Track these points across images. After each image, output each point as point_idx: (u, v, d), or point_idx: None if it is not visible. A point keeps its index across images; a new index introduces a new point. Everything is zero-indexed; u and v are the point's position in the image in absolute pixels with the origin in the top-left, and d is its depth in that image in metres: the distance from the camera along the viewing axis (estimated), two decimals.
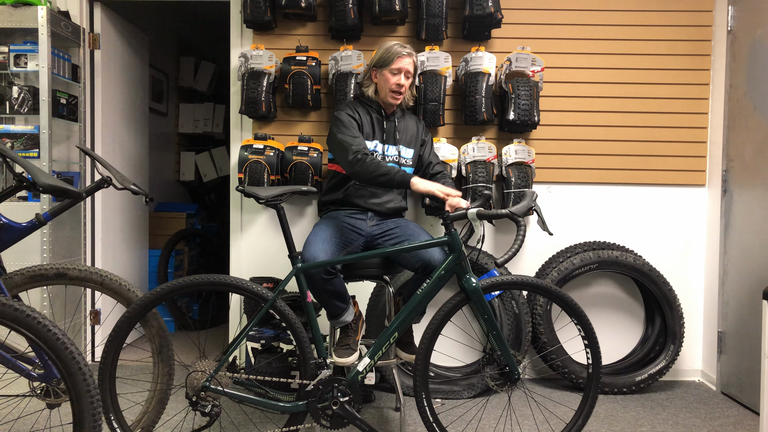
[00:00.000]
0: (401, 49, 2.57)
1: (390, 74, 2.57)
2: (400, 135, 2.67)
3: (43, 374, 1.91)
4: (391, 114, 2.68)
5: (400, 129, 2.68)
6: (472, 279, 2.15)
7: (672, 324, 3.14)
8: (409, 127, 2.71)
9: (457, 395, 3.03)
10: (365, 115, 2.63)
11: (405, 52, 2.57)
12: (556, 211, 3.37)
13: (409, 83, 2.63)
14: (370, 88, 2.66)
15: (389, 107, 2.67)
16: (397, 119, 2.69)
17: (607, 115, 3.35)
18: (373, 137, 2.62)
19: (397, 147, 2.64)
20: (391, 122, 2.67)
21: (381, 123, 2.65)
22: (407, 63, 2.58)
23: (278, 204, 2.17)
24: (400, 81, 2.57)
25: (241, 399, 2.13)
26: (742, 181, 3.11)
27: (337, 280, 2.31)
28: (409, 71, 2.60)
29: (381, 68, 2.60)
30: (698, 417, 2.85)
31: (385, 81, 2.59)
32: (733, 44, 3.20)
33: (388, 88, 2.59)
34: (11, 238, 2.03)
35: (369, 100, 2.67)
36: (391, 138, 2.65)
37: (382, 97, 2.64)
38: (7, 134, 3.04)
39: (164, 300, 2.12)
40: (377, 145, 2.61)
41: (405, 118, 2.73)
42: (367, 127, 2.61)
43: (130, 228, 3.97)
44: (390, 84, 2.58)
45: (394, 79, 2.57)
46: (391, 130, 2.66)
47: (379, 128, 2.64)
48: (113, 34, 3.68)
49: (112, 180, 2.23)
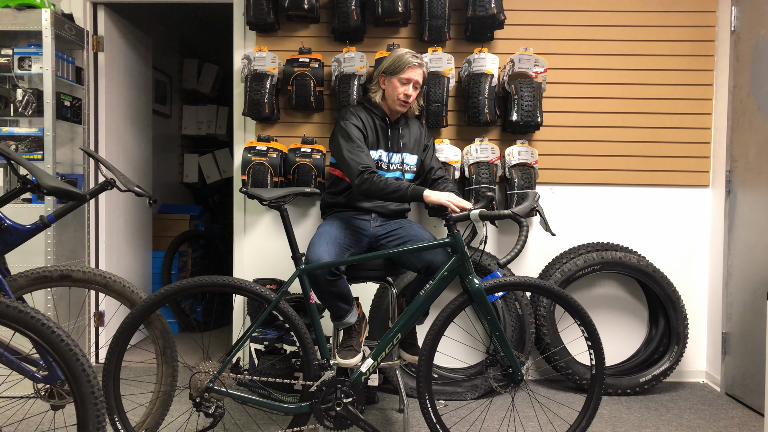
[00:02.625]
0: (413, 59, 2.51)
1: (399, 83, 2.53)
2: (405, 142, 2.64)
3: (48, 376, 1.92)
4: (395, 121, 2.64)
5: (404, 136, 2.65)
6: (475, 280, 2.15)
7: (676, 325, 3.13)
8: (412, 134, 2.68)
9: (461, 396, 3.03)
10: (369, 122, 2.59)
11: (416, 63, 2.52)
12: (560, 212, 3.36)
13: (416, 94, 2.58)
14: (378, 94, 2.60)
15: (394, 114, 2.63)
16: (401, 126, 2.65)
17: (610, 116, 3.34)
18: (377, 146, 2.59)
19: (401, 155, 2.62)
20: (395, 129, 2.63)
21: (385, 130, 2.61)
22: (417, 74, 2.53)
23: (282, 206, 2.18)
24: (408, 91, 2.53)
25: (244, 400, 2.13)
26: (746, 181, 3.10)
27: (341, 281, 2.31)
28: (418, 82, 2.55)
29: (391, 75, 2.54)
30: (702, 418, 2.84)
31: (393, 89, 2.54)
32: (737, 45, 3.19)
33: (396, 96, 2.54)
34: (16, 240, 2.03)
35: (374, 106, 2.62)
36: (395, 146, 2.62)
37: (389, 104, 2.59)
38: (12, 136, 3.05)
39: (168, 302, 2.12)
40: (382, 154, 2.58)
41: (409, 125, 2.69)
42: (371, 135, 2.57)
43: (134, 230, 3.98)
44: (398, 93, 2.53)
45: (402, 88, 2.52)
46: (396, 138, 2.62)
47: (383, 136, 2.60)
48: (117, 37, 3.69)
49: (116, 182, 2.23)
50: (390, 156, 2.60)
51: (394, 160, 2.61)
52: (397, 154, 2.62)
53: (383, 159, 2.59)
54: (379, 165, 2.58)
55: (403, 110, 2.60)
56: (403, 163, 2.62)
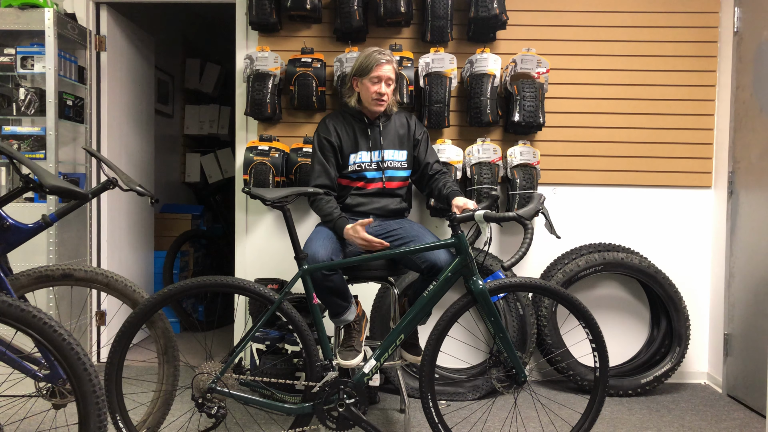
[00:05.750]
0: (380, 57, 2.47)
1: (370, 83, 2.49)
2: (385, 140, 2.60)
3: (49, 375, 1.92)
4: (375, 119, 2.61)
5: (384, 134, 2.61)
6: (479, 281, 2.14)
7: (678, 326, 3.13)
8: (395, 130, 2.63)
9: (462, 397, 3.03)
10: (347, 128, 2.58)
11: (384, 60, 2.48)
12: (562, 212, 3.36)
13: (391, 90, 2.54)
14: (352, 98, 2.58)
15: (373, 113, 2.60)
16: (382, 123, 2.61)
17: (612, 116, 3.34)
18: (357, 148, 2.57)
19: (382, 152, 2.59)
20: (375, 127, 2.61)
21: (365, 131, 2.59)
22: (387, 70, 2.49)
23: (285, 206, 2.17)
24: (380, 90, 2.49)
25: (247, 401, 2.13)
26: (749, 182, 3.09)
27: (336, 276, 2.30)
28: (390, 78, 2.51)
29: (362, 77, 2.51)
30: (704, 420, 2.84)
31: (366, 90, 2.51)
32: (740, 45, 3.19)
33: (370, 97, 2.51)
34: (18, 239, 2.04)
35: (351, 109, 2.61)
36: (377, 144, 2.59)
37: (365, 106, 2.57)
38: (14, 136, 3.05)
39: (170, 301, 2.12)
40: (362, 155, 2.57)
41: (391, 121, 2.65)
42: (349, 141, 2.56)
43: (136, 229, 3.98)
44: (371, 93, 2.50)
45: (374, 87, 2.49)
46: (377, 136, 2.59)
47: (363, 137, 2.58)
48: (119, 37, 3.69)
49: (118, 181, 2.24)
50: (373, 154, 2.58)
51: (376, 158, 2.58)
52: (378, 152, 2.59)
53: (365, 160, 2.57)
54: (363, 167, 2.56)
55: (381, 109, 2.56)
56: (384, 160, 2.59)
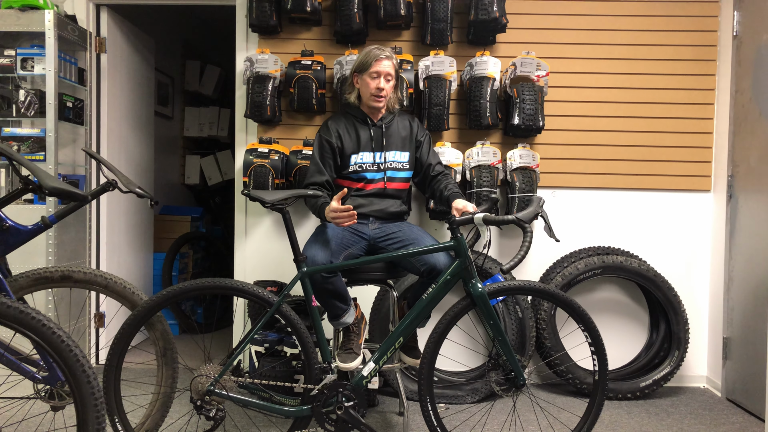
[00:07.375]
0: (379, 52, 2.52)
1: (369, 78, 2.52)
2: (388, 141, 2.61)
3: (48, 377, 1.91)
4: (378, 120, 2.62)
5: (387, 135, 2.61)
6: (479, 284, 2.14)
7: (677, 329, 3.13)
8: (399, 131, 2.64)
9: (461, 400, 3.02)
10: (349, 128, 2.59)
11: (383, 55, 2.52)
12: (561, 216, 3.36)
13: (390, 86, 2.57)
14: (352, 95, 2.62)
15: (375, 113, 2.61)
16: (385, 125, 2.62)
17: (612, 120, 3.35)
18: (360, 149, 2.57)
19: (384, 153, 2.59)
20: (378, 128, 2.61)
21: (368, 132, 2.60)
22: (386, 66, 2.52)
23: (284, 208, 2.18)
24: (379, 84, 2.52)
25: (245, 403, 2.13)
26: (748, 186, 3.10)
27: (336, 278, 2.30)
28: (389, 74, 2.54)
29: (361, 73, 2.55)
30: (703, 423, 2.84)
31: (365, 85, 2.54)
32: (739, 49, 3.19)
33: (369, 92, 2.54)
34: (17, 240, 2.03)
35: (354, 110, 2.63)
36: (379, 145, 2.59)
37: (365, 102, 2.59)
38: (14, 137, 3.05)
39: (169, 304, 2.12)
40: (364, 155, 2.57)
41: (394, 122, 2.66)
42: (351, 142, 2.57)
43: (135, 231, 3.98)
44: (370, 88, 2.52)
45: (373, 83, 2.52)
46: (379, 137, 2.60)
47: (366, 138, 2.59)
48: (119, 38, 3.69)
49: (118, 183, 2.23)
50: (376, 155, 2.58)
51: (379, 159, 2.59)
52: (381, 153, 2.59)
53: (366, 160, 2.57)
54: (364, 168, 2.57)
55: (379, 105, 2.57)
56: (388, 162, 2.59)
